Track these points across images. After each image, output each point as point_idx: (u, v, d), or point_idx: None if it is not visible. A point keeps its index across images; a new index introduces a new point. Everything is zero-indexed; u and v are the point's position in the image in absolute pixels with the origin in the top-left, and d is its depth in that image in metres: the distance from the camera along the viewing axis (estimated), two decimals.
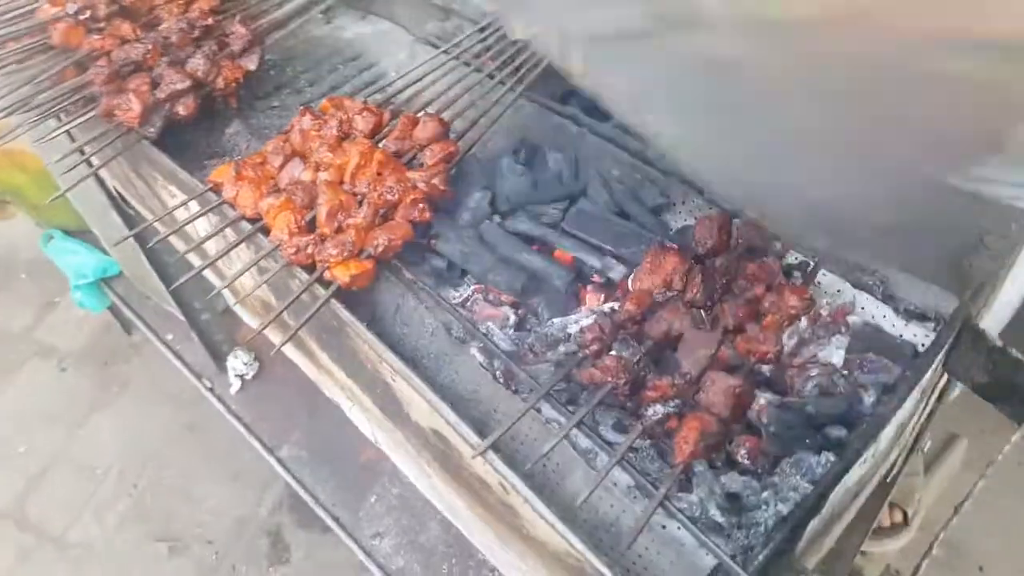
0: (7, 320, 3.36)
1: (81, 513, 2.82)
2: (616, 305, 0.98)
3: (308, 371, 1.33)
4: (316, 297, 1.02)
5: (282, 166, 1.20)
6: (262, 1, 1.49)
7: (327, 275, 1.05)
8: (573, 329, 1.00)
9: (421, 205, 1.12)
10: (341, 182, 1.15)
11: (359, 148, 1.16)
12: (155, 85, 1.28)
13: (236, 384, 2.27)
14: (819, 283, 1.13)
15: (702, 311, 0.94)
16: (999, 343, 0.93)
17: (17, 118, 1.27)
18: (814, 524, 0.88)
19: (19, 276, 3.50)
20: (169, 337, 2.40)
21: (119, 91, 1.26)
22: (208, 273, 1.15)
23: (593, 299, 1.11)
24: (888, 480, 1.32)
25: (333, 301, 1.02)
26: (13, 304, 3.41)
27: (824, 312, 1.05)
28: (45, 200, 2.29)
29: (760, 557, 0.75)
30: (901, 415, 0.97)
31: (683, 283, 0.96)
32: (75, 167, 1.25)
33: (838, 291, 1.11)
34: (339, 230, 1.09)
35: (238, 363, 2.27)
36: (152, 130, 1.27)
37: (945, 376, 1.11)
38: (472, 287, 1.11)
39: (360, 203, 1.11)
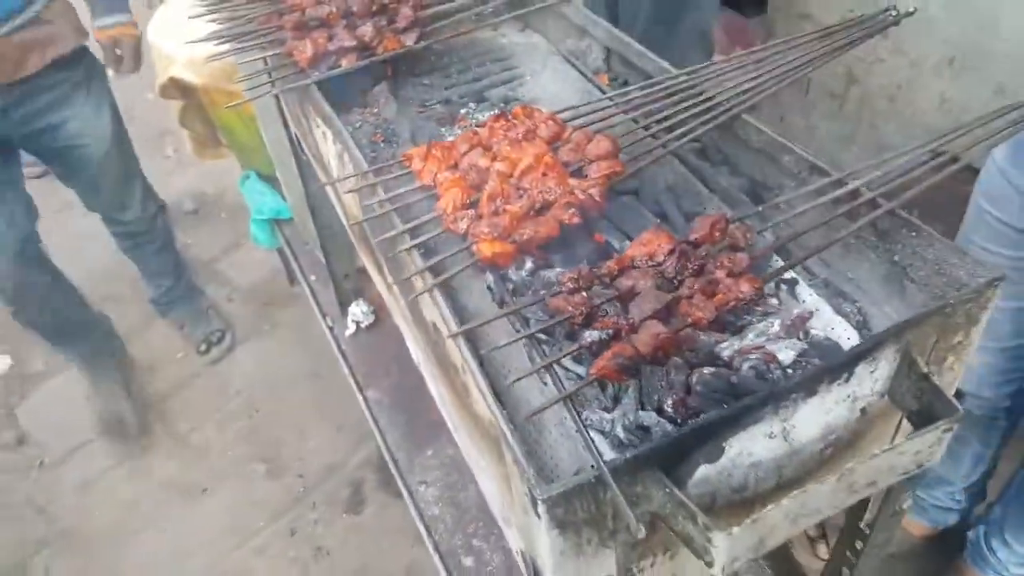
0: (199, 249, 4.08)
1: (206, 421, 3.37)
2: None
3: (382, 290, 1.67)
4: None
5: (466, 153, 1.44)
6: (443, 5, 1.87)
7: (474, 248, 1.26)
8: None
9: (572, 210, 1.30)
10: (510, 176, 1.36)
11: (534, 149, 1.37)
12: (330, 39, 1.70)
13: (352, 328, 2.68)
14: (804, 300, 1.29)
15: (669, 280, 1.16)
16: (926, 369, 1.07)
17: (229, 46, 1.75)
18: (707, 471, 1.06)
19: (220, 215, 4.24)
20: (312, 279, 2.88)
21: (302, 38, 1.69)
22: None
23: None
24: (859, 524, 1.42)
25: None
26: (208, 237, 4.13)
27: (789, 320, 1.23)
28: (252, 141, 2.87)
29: (626, 455, 0.96)
30: (822, 415, 1.12)
31: (663, 258, 1.18)
32: (259, 86, 1.69)
33: (817, 310, 1.27)
34: (495, 213, 1.29)
35: (358, 311, 2.69)
36: (316, 73, 1.69)
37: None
38: None
39: (520, 196, 1.32)
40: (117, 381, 3.28)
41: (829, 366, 1.05)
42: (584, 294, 1.15)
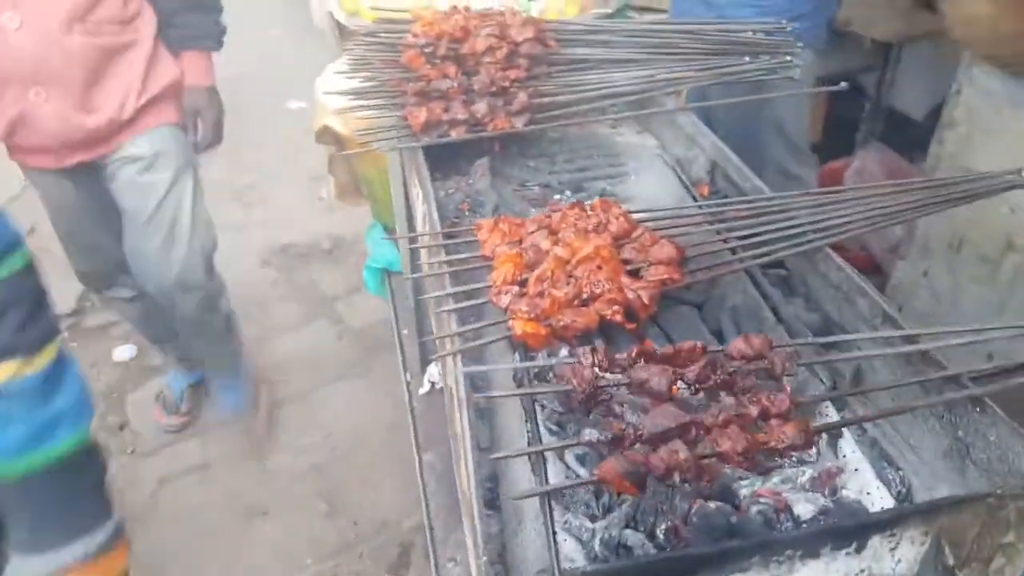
0: (324, 286, 4.29)
1: (288, 447, 3.46)
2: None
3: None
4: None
5: (532, 232, 1.45)
6: (561, 96, 1.92)
7: (508, 323, 1.25)
8: None
9: (616, 307, 1.26)
10: (567, 262, 1.34)
11: (596, 242, 1.36)
12: (446, 110, 1.78)
13: (426, 387, 2.71)
14: (844, 455, 1.18)
15: (688, 384, 1.09)
16: (952, 562, 0.93)
17: (363, 101, 1.87)
18: None
19: (350, 259, 4.45)
20: (405, 332, 2.95)
21: (420, 105, 1.78)
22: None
23: None
24: None
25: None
26: (334, 276, 4.34)
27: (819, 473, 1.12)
28: (383, 195, 3.02)
29: (581, 571, 0.90)
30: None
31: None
32: (378, 140, 1.79)
33: (855, 470, 1.15)
34: (539, 295, 1.28)
35: (435, 371, 2.72)
36: (425, 139, 1.76)
37: None
38: None
39: (569, 283, 1.30)
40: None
41: (834, 528, 0.94)
42: (595, 370, 1.10)
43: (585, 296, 1.29)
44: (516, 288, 1.29)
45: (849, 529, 0.94)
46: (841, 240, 1.42)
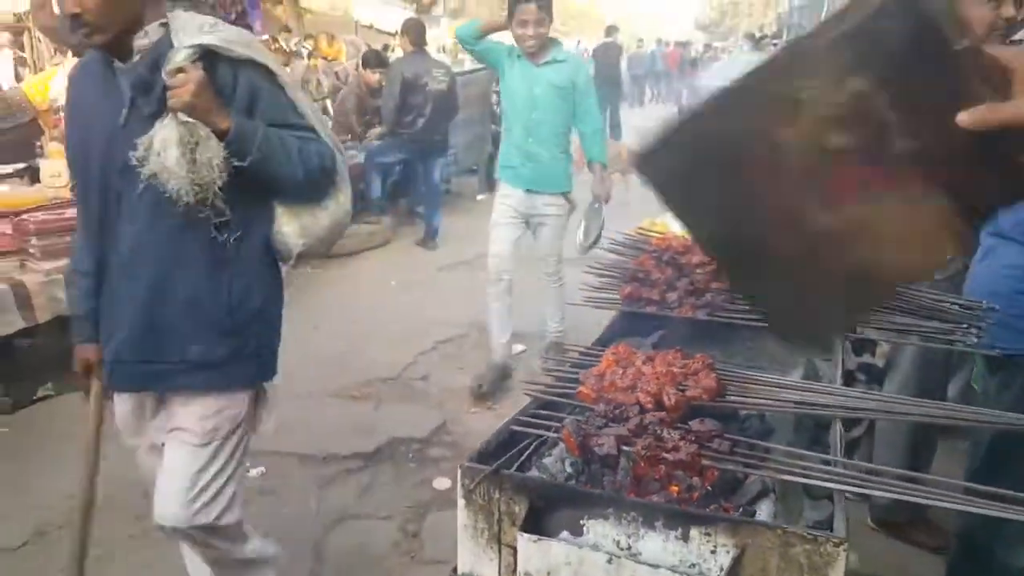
0: None
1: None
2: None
3: None
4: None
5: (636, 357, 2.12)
6: None
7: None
8: None
9: (648, 398, 1.86)
10: (642, 374, 1.97)
11: (668, 386, 1.95)
12: (647, 292, 2.55)
13: None
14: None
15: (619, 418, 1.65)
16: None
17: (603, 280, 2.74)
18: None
19: None
20: None
21: (630, 284, 2.58)
22: None
23: None
24: None
25: None
26: None
27: None
28: None
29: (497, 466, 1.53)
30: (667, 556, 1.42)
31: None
32: (591, 303, 2.63)
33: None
34: (607, 380, 1.96)
35: None
36: (624, 307, 2.54)
37: None
38: None
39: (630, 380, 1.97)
40: None
41: (661, 507, 1.41)
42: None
43: (637, 390, 1.91)
44: (596, 375, 1.98)
45: (672, 512, 1.40)
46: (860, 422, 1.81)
